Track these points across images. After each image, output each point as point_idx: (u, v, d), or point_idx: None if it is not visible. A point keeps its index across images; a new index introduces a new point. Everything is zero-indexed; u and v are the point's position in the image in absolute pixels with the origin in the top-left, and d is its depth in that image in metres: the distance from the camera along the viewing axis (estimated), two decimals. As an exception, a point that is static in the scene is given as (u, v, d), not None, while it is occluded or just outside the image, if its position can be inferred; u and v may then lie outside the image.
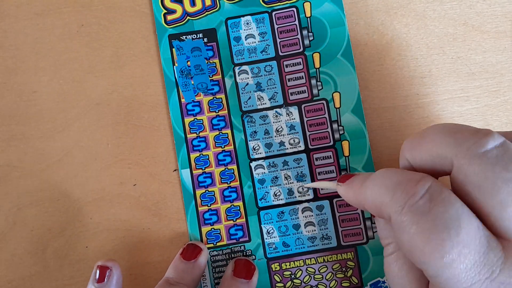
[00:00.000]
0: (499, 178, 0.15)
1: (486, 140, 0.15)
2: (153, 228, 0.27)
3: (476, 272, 0.14)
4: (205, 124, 0.27)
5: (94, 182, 0.27)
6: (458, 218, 0.15)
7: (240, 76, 0.27)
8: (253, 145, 0.27)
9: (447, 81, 0.28)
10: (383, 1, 0.28)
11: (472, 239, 0.14)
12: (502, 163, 0.15)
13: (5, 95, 0.28)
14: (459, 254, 0.14)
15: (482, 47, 0.28)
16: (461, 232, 0.15)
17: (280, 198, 0.27)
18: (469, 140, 0.16)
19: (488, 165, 0.15)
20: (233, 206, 0.27)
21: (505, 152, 0.15)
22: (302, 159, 0.27)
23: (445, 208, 0.15)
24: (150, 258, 0.27)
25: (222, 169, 0.27)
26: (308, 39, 0.27)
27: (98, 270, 0.24)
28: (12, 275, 0.27)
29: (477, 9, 0.28)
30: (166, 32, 0.27)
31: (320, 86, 0.27)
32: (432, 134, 0.17)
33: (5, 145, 0.27)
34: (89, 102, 0.28)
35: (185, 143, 0.27)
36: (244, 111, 0.27)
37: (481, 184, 0.15)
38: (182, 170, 0.27)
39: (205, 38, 0.27)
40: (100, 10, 0.28)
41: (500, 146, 0.15)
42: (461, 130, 0.16)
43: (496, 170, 0.15)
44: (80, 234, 0.27)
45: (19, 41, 0.28)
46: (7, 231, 0.27)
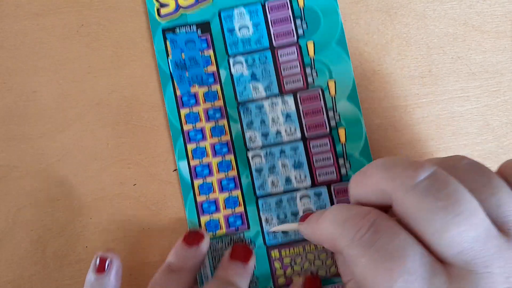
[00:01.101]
0: (431, 208, 0.15)
1: (417, 173, 0.16)
2: (153, 228, 0.27)
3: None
4: (201, 115, 0.27)
5: (94, 182, 0.27)
6: (403, 247, 0.15)
7: (234, 67, 0.27)
8: (250, 135, 0.27)
9: (447, 81, 0.28)
10: (383, 1, 0.28)
11: (417, 267, 0.15)
12: (432, 193, 0.15)
13: (5, 95, 0.28)
14: (406, 281, 0.15)
15: (482, 47, 0.28)
16: (406, 260, 0.15)
17: (278, 186, 0.27)
18: (402, 174, 0.16)
19: (420, 197, 0.16)
20: (231, 195, 0.27)
21: (435, 182, 0.16)
22: (298, 147, 0.27)
23: (390, 239, 0.16)
24: (149, 258, 0.27)
25: (219, 160, 0.27)
26: (302, 28, 0.27)
27: (98, 260, 0.24)
28: (12, 275, 0.27)
29: (477, 9, 0.28)
30: (160, 25, 0.27)
31: (315, 75, 0.27)
32: (372, 170, 0.18)
33: (5, 145, 0.27)
34: (88, 102, 0.28)
35: (182, 134, 0.27)
36: (240, 102, 0.27)
37: (417, 215, 0.16)
38: (179, 161, 0.27)
39: (198, 31, 0.27)
40: (100, 10, 0.28)
41: (431, 176, 0.16)
42: (396, 164, 0.17)
43: (427, 200, 0.15)
44: (80, 234, 0.27)
45: (18, 41, 0.28)
46: (7, 231, 0.27)
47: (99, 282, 0.24)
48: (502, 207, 0.16)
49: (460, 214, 0.15)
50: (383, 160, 0.18)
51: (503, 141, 0.27)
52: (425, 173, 0.16)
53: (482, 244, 0.15)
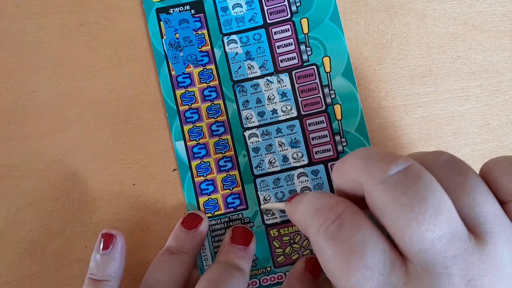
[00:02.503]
0: (397, 203, 0.15)
1: (389, 166, 0.16)
2: (153, 228, 0.27)
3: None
4: (196, 95, 0.27)
5: (93, 182, 0.27)
6: (364, 242, 0.16)
7: (229, 46, 0.27)
8: (246, 114, 0.27)
9: (447, 80, 0.28)
10: (383, 0, 0.28)
11: (376, 263, 0.15)
12: (401, 188, 0.15)
13: (4, 95, 0.28)
14: (363, 276, 0.15)
15: (482, 46, 0.28)
16: (365, 255, 0.15)
17: (275, 165, 0.27)
18: (375, 166, 0.16)
19: (389, 191, 0.15)
20: (229, 175, 0.27)
21: (406, 177, 0.15)
22: (295, 125, 0.27)
23: (352, 233, 0.16)
24: (149, 257, 0.27)
25: (216, 140, 0.27)
26: (295, 5, 0.27)
27: (102, 238, 0.24)
28: (12, 275, 0.27)
29: (477, 8, 0.28)
30: (154, 6, 0.27)
31: (309, 52, 0.27)
32: (350, 160, 0.18)
33: (5, 145, 0.27)
34: (88, 101, 0.28)
35: (178, 115, 0.27)
36: (235, 81, 0.27)
37: (384, 208, 0.16)
38: (176, 142, 0.27)
39: (192, 10, 0.27)
40: (100, 10, 0.28)
41: (403, 171, 0.16)
42: (372, 156, 0.17)
43: (395, 195, 0.15)
44: (79, 234, 0.27)
45: (18, 40, 0.28)
46: (6, 231, 0.27)
47: (103, 259, 0.24)
48: (476, 208, 0.15)
49: (424, 212, 0.15)
50: (361, 150, 0.18)
51: (504, 141, 0.27)
52: (397, 168, 0.16)
53: (445, 244, 0.15)
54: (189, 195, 0.27)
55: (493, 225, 0.15)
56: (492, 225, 0.15)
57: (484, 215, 0.15)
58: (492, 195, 0.16)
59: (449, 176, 0.16)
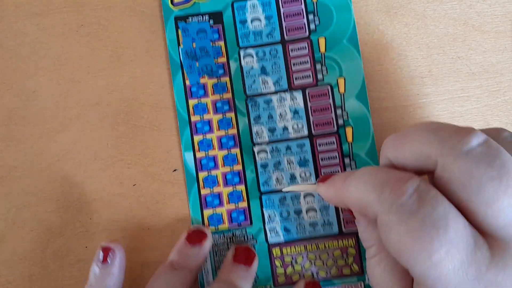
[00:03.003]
0: (484, 176, 0.15)
1: (470, 138, 0.15)
2: (153, 229, 0.27)
3: (463, 271, 0.14)
4: (209, 107, 0.27)
5: (93, 182, 0.27)
6: (446, 217, 0.15)
7: (245, 60, 0.27)
8: (257, 129, 0.27)
9: (447, 81, 0.28)
10: (383, 1, 0.28)
11: (460, 238, 0.14)
12: (486, 161, 0.15)
13: (5, 95, 0.28)
14: (447, 253, 0.14)
15: (482, 47, 0.28)
16: (449, 231, 0.14)
17: (282, 183, 0.27)
18: (452, 138, 0.16)
19: (473, 163, 0.15)
20: (236, 190, 0.27)
21: (489, 150, 0.15)
22: (305, 144, 0.27)
23: (433, 207, 0.15)
24: (150, 258, 0.27)
25: (225, 153, 0.27)
26: (314, 23, 0.27)
27: (101, 251, 0.24)
28: (12, 276, 0.27)
29: (477, 9, 0.28)
30: (172, 13, 0.27)
31: (325, 71, 0.27)
32: (416, 133, 0.17)
33: (5, 145, 0.27)
34: (88, 102, 0.28)
35: (189, 125, 0.27)
36: (248, 95, 0.27)
37: (466, 182, 0.15)
38: (185, 152, 0.27)
39: (211, 21, 0.27)
40: (100, 10, 0.28)
41: (484, 143, 0.15)
42: (443, 128, 0.16)
43: (481, 167, 0.15)
44: (79, 234, 0.27)
45: (18, 41, 0.28)
46: (7, 231, 0.27)
47: (102, 272, 0.24)
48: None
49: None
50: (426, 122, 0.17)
51: (503, 141, 0.27)
52: (478, 140, 0.15)
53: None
54: (194, 207, 0.27)
55: None
56: None
57: None
58: None
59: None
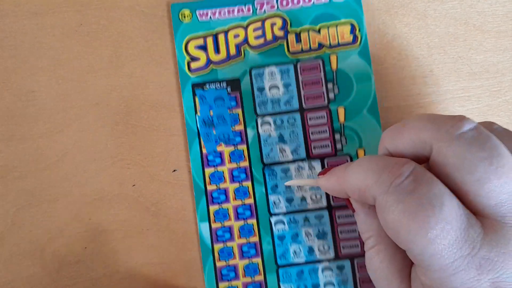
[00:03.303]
0: (476, 157, 0.16)
1: (462, 123, 0.16)
2: (152, 229, 0.27)
3: (458, 248, 0.15)
4: (225, 175, 0.27)
5: (93, 183, 0.27)
6: (441, 196, 0.16)
7: (262, 128, 0.27)
8: (274, 199, 0.26)
9: (448, 80, 0.27)
10: (383, 0, 0.28)
11: (454, 216, 0.15)
12: (477, 144, 0.16)
13: (4, 95, 0.28)
14: (442, 230, 0.15)
15: (483, 46, 0.28)
16: (444, 209, 0.15)
17: (300, 256, 0.26)
18: (446, 124, 0.17)
19: (465, 146, 0.16)
20: (252, 262, 0.26)
21: (480, 134, 0.16)
22: (323, 216, 0.26)
23: (429, 188, 0.16)
24: (149, 258, 0.27)
25: (242, 223, 0.26)
26: (333, 92, 0.27)
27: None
28: (11, 276, 0.27)
29: (478, 8, 0.28)
30: (189, 80, 0.27)
31: (344, 142, 0.26)
32: (413, 122, 0.18)
33: (4, 145, 0.27)
34: (88, 102, 0.28)
35: (205, 195, 0.27)
36: (266, 164, 0.27)
37: (460, 163, 0.16)
38: (200, 223, 0.26)
39: (228, 88, 0.27)
40: (100, 10, 0.28)
41: (475, 128, 0.16)
42: (439, 116, 0.17)
43: (472, 149, 0.16)
44: (78, 235, 0.27)
45: (17, 40, 0.28)
46: (6, 232, 0.27)
47: None
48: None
49: (502, 166, 0.15)
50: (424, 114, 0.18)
51: (505, 141, 0.27)
52: (470, 125, 0.16)
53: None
54: (210, 279, 0.26)
55: None
56: None
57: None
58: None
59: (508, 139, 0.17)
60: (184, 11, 0.27)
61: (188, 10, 0.27)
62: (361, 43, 0.27)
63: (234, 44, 0.27)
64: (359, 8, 0.27)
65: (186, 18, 0.27)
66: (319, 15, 0.27)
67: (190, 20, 0.27)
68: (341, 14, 0.27)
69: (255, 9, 0.27)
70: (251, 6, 0.27)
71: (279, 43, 0.27)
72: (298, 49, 0.27)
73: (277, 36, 0.27)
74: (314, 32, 0.27)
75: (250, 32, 0.27)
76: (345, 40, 0.27)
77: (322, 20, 0.27)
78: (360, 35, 0.27)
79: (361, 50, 0.27)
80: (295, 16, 0.27)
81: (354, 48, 0.27)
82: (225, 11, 0.27)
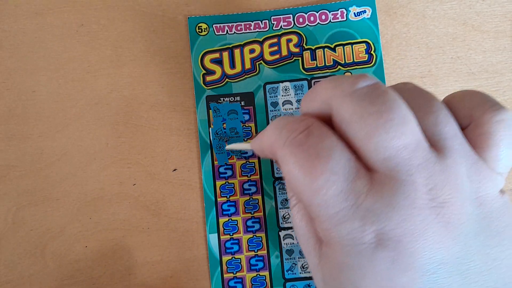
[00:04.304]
0: (365, 112, 0.15)
1: (358, 80, 0.16)
2: (152, 228, 0.27)
3: (343, 198, 0.15)
4: (236, 188, 0.27)
5: (93, 182, 0.27)
6: (331, 148, 0.16)
7: None
8: (283, 213, 0.27)
9: (447, 80, 0.28)
10: (383, 0, 0.28)
11: (341, 168, 0.15)
12: (369, 99, 0.16)
13: (4, 95, 0.28)
14: (327, 180, 0.15)
15: (482, 46, 0.28)
16: (331, 161, 0.15)
17: (307, 270, 0.26)
18: (344, 83, 0.17)
19: (357, 101, 0.16)
20: (259, 275, 0.26)
21: (374, 90, 0.16)
22: None
23: (320, 140, 0.16)
24: (149, 257, 0.27)
25: (250, 236, 0.27)
26: None
27: None
28: (11, 275, 0.27)
29: (477, 9, 0.28)
30: (204, 93, 0.27)
31: None
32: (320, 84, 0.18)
33: (4, 145, 0.27)
34: (88, 101, 0.28)
35: (215, 207, 0.27)
36: (276, 177, 0.27)
37: (351, 118, 0.16)
38: (210, 234, 0.27)
39: (242, 102, 0.27)
40: (100, 10, 0.28)
41: (371, 85, 0.16)
42: (341, 77, 0.18)
43: (362, 104, 0.16)
44: (79, 234, 0.27)
45: (18, 40, 0.28)
46: (6, 231, 0.27)
47: None
48: (439, 125, 0.16)
49: (391, 120, 0.15)
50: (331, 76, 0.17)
51: (503, 141, 0.27)
52: (365, 82, 0.16)
53: (409, 153, 0.15)
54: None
55: (453, 142, 0.16)
56: (452, 142, 0.16)
57: (445, 133, 0.16)
58: (453, 118, 0.17)
59: (414, 98, 0.17)
60: (201, 25, 0.27)
61: (205, 24, 0.27)
62: (376, 62, 0.27)
63: (249, 59, 0.27)
64: (375, 28, 0.27)
65: (203, 31, 0.27)
66: (335, 33, 0.27)
67: (207, 33, 0.27)
68: (357, 33, 0.27)
69: (271, 25, 0.27)
70: (268, 22, 0.27)
71: (294, 59, 0.27)
72: (313, 66, 0.27)
73: (293, 53, 0.27)
74: (329, 49, 0.27)
75: (265, 48, 0.27)
76: (360, 58, 0.27)
77: (338, 38, 0.27)
78: (375, 54, 0.27)
79: (376, 69, 0.27)
80: (311, 33, 0.27)
81: (368, 67, 0.27)
82: (241, 26, 0.27)
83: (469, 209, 0.15)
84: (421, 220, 0.15)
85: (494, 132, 0.16)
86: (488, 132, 0.16)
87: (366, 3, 0.27)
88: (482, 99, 0.17)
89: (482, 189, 0.16)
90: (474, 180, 0.16)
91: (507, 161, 0.16)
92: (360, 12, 0.27)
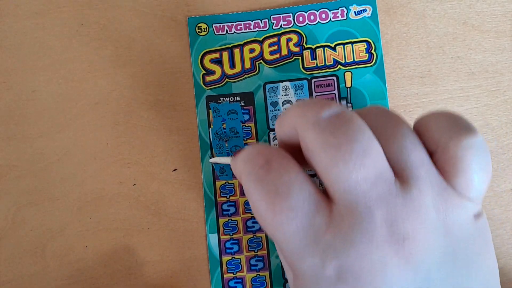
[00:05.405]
0: (326, 143, 0.15)
1: (323, 109, 0.16)
2: (153, 228, 0.27)
3: (303, 235, 0.15)
4: (235, 188, 0.27)
5: (93, 182, 0.27)
6: (289, 185, 0.16)
7: (274, 142, 0.27)
8: None
9: (446, 80, 0.28)
10: (383, 0, 0.28)
11: (300, 204, 0.15)
12: (330, 129, 0.15)
13: (4, 95, 0.28)
14: (286, 217, 0.15)
15: (482, 46, 0.28)
16: (289, 197, 0.15)
17: None
18: (310, 110, 0.16)
19: (319, 131, 0.16)
20: (259, 275, 0.26)
21: (337, 120, 0.16)
22: None
23: (278, 175, 0.16)
24: (149, 257, 0.27)
25: (250, 237, 0.27)
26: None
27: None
28: (11, 275, 0.27)
29: (477, 8, 0.28)
30: (204, 93, 0.27)
31: None
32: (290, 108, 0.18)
33: (5, 145, 0.27)
34: (88, 101, 0.28)
35: (215, 207, 0.27)
36: None
37: (313, 149, 0.16)
38: (210, 234, 0.27)
39: (242, 101, 0.27)
40: (100, 9, 0.28)
41: (335, 115, 0.16)
42: (309, 102, 0.17)
43: (324, 135, 0.15)
44: (79, 234, 0.27)
45: (18, 40, 0.28)
46: (6, 231, 0.27)
47: None
48: (404, 153, 0.16)
49: (351, 152, 0.15)
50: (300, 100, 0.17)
51: (503, 141, 0.27)
52: (330, 111, 0.16)
53: (369, 186, 0.15)
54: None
55: (420, 170, 0.15)
56: (419, 170, 0.15)
57: (411, 160, 0.15)
58: (421, 145, 0.16)
59: (381, 123, 0.16)
60: (201, 25, 0.27)
61: (205, 24, 0.27)
62: (376, 61, 0.27)
63: (249, 59, 0.27)
64: (376, 27, 0.27)
65: (203, 31, 0.27)
66: (335, 32, 0.27)
67: (206, 33, 0.27)
68: (357, 32, 0.27)
69: (271, 24, 0.27)
70: (268, 21, 0.27)
71: (294, 58, 0.27)
72: (313, 65, 0.27)
73: (293, 52, 0.27)
74: (329, 49, 0.27)
75: (265, 47, 0.27)
76: (361, 58, 0.27)
77: (338, 37, 0.27)
78: (376, 53, 0.27)
79: (376, 68, 0.27)
80: (311, 32, 0.27)
81: (369, 66, 0.27)
82: (241, 25, 0.27)
83: (434, 240, 0.15)
84: (380, 256, 0.14)
85: (463, 157, 0.15)
86: (456, 157, 0.15)
87: (367, 1, 0.27)
88: (450, 122, 0.16)
89: (449, 218, 0.15)
90: (441, 209, 0.15)
91: (478, 185, 0.16)
92: (361, 10, 0.27)
